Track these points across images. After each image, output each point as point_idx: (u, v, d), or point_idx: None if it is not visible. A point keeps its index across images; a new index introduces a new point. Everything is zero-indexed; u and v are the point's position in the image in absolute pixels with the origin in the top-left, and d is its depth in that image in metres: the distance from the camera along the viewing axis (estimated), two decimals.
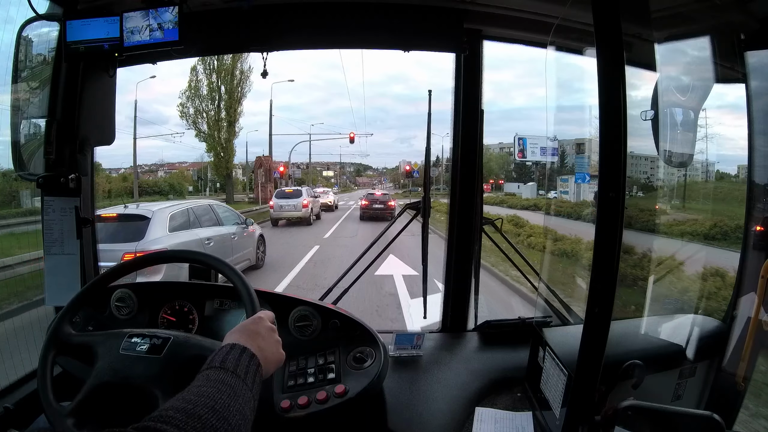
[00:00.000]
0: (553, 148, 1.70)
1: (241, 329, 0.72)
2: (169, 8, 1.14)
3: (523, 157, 3.57)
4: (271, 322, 0.77)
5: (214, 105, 22.54)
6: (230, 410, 0.54)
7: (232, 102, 22.57)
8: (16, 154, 1.26)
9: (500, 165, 42.15)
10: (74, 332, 0.90)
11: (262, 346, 0.68)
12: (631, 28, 1.06)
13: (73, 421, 0.78)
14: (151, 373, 0.79)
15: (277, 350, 0.73)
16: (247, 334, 0.70)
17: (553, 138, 1.79)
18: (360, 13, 1.31)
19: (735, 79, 1.24)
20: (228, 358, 0.62)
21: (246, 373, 0.61)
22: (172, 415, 0.50)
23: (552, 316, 1.35)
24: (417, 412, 1.09)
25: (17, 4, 1.20)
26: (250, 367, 0.63)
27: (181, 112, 22.49)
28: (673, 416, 0.84)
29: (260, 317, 0.76)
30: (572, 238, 5.88)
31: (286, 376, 1.04)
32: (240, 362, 0.62)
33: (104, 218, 4.86)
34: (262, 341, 0.70)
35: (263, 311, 0.80)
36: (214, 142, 22.70)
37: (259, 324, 0.74)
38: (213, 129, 22.57)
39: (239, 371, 0.60)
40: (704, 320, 1.36)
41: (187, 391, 0.56)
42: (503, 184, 35.96)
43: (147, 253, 1.02)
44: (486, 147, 42.93)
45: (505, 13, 1.30)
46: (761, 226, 1.24)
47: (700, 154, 5.17)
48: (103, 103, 1.36)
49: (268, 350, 0.70)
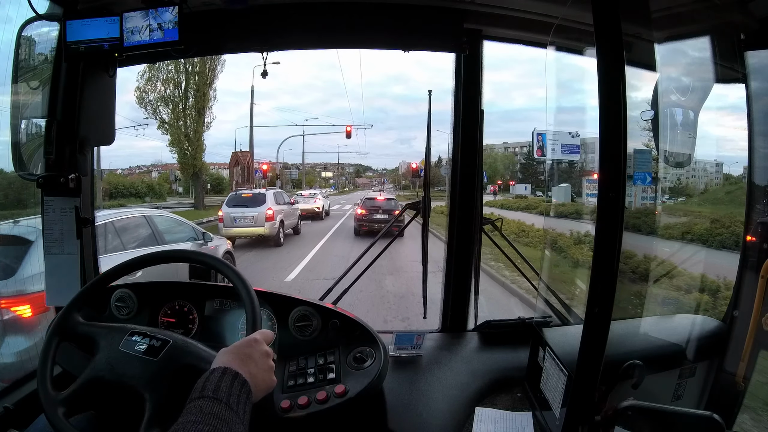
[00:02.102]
0: (575, 145, 1.56)
1: (236, 351, 0.71)
2: (169, 8, 1.14)
3: (542, 155, 3.26)
4: (269, 342, 0.77)
5: (177, 88, 18.09)
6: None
7: (201, 85, 18.13)
8: (16, 154, 1.26)
9: (506, 165, 41.86)
10: (82, 321, 0.91)
11: (253, 372, 0.68)
12: (631, 28, 1.06)
13: (63, 410, 0.79)
14: (144, 376, 0.79)
15: (269, 377, 0.73)
16: (240, 358, 0.69)
17: (575, 134, 1.58)
18: (360, 13, 1.31)
19: (735, 79, 1.24)
20: (221, 386, 0.62)
21: (238, 404, 0.61)
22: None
23: (552, 316, 1.35)
24: (417, 412, 1.09)
25: (17, 4, 1.20)
26: (242, 397, 0.63)
27: (139, 98, 17.94)
28: (673, 416, 0.84)
29: (257, 340, 0.75)
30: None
31: (286, 376, 1.04)
32: (232, 391, 0.62)
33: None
34: (254, 367, 0.69)
35: (261, 331, 0.79)
36: (179, 134, 18.23)
37: (255, 348, 0.73)
38: (177, 117, 18.17)
39: (231, 402, 0.61)
40: (704, 320, 1.36)
41: (182, 425, 0.56)
42: (513, 185, 33.67)
43: (147, 253, 1.02)
44: (491, 147, 41.44)
45: (505, 13, 1.30)
46: (762, 227, 1.24)
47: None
48: (103, 103, 1.36)
49: (259, 377, 0.70)
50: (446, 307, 1.52)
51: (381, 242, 1.55)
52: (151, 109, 18.08)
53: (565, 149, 1.48)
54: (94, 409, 0.97)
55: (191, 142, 18.40)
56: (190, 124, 18.39)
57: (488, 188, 32.67)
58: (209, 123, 18.90)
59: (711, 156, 5.90)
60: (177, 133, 18.23)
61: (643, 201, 2.25)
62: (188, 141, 18.32)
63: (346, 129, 19.88)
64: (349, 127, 19.90)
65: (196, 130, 18.50)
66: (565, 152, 1.46)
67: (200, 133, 18.62)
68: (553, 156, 1.54)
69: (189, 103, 18.20)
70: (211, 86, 18.55)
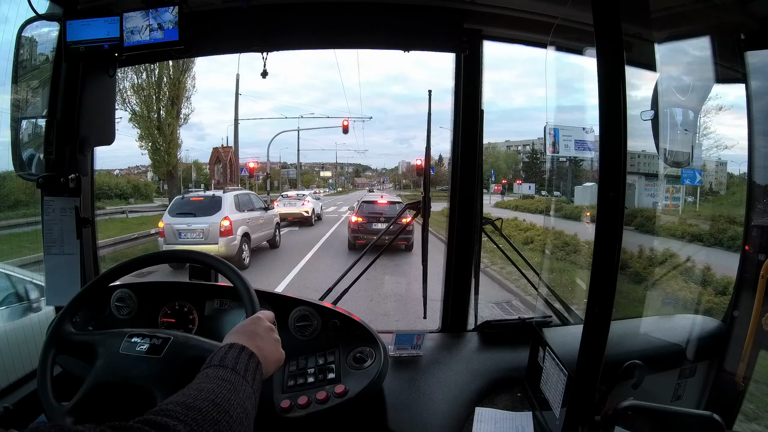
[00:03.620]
0: (590, 141, 1.48)
1: (240, 329, 0.72)
2: (169, 8, 1.14)
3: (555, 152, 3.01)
4: (271, 321, 0.78)
5: (150, 76, 15.80)
6: (231, 403, 0.54)
7: (175, 71, 15.85)
8: (16, 154, 1.26)
9: (509, 164, 41.61)
10: (75, 331, 0.90)
11: (260, 346, 0.69)
12: (631, 28, 1.06)
13: (71, 419, 0.78)
14: (151, 374, 0.79)
15: (277, 349, 0.73)
16: (245, 334, 0.70)
17: (589, 129, 1.48)
18: (360, 13, 1.31)
19: (735, 79, 1.24)
20: (227, 357, 0.62)
21: (246, 371, 0.61)
22: (172, 409, 0.50)
23: (552, 316, 1.35)
24: (417, 412, 1.09)
25: (17, 4, 1.20)
26: (250, 365, 0.63)
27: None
28: (673, 416, 0.84)
29: (259, 317, 0.76)
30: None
31: (286, 376, 1.04)
32: (239, 360, 0.62)
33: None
34: (260, 341, 0.70)
35: (262, 311, 0.80)
36: (150, 126, 15.84)
37: (258, 324, 0.74)
38: (148, 108, 15.81)
39: (239, 368, 0.61)
40: (704, 320, 1.36)
41: (187, 388, 0.56)
42: (520, 184, 31.08)
43: (147, 253, 1.02)
44: (493, 146, 40.46)
45: (505, 13, 1.30)
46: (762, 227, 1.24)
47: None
48: (103, 103, 1.36)
49: (267, 349, 0.70)
50: (446, 307, 1.52)
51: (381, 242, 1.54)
52: (120, 99, 15.27)
53: (578, 146, 1.43)
54: (99, 417, 0.96)
55: (164, 135, 15.79)
56: (164, 116, 15.76)
57: (492, 187, 31.74)
58: (187, 115, 16.38)
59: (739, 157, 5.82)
60: (148, 125, 15.87)
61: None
62: (161, 134, 15.74)
63: (343, 123, 17.63)
64: (346, 121, 17.66)
65: (170, 123, 15.84)
66: (579, 149, 1.41)
67: (175, 126, 16.02)
68: (567, 153, 1.49)
69: (163, 93, 15.73)
70: (188, 73, 16.07)
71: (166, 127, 16.03)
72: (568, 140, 1.45)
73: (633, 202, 5.58)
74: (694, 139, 1.28)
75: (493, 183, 32.30)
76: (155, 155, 16.39)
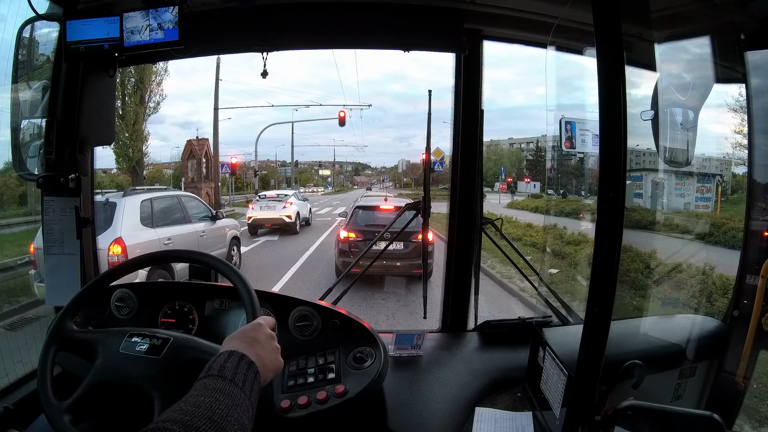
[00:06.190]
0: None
1: (240, 335, 0.71)
2: (169, 8, 1.14)
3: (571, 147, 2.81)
4: (272, 328, 0.77)
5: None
6: (228, 420, 0.54)
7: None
8: (16, 154, 1.26)
9: (512, 162, 41.26)
10: (76, 329, 0.90)
11: (260, 354, 0.68)
12: (631, 28, 1.06)
13: (70, 417, 0.78)
14: (150, 374, 0.79)
15: (276, 357, 0.73)
16: (246, 341, 0.69)
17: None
18: (360, 13, 1.31)
19: (735, 79, 1.24)
20: (226, 366, 0.62)
21: (244, 382, 0.61)
22: (169, 428, 0.50)
23: (552, 316, 1.35)
24: (417, 412, 1.09)
25: (17, 4, 1.20)
26: (249, 375, 0.62)
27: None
28: (673, 416, 0.84)
29: (260, 324, 0.75)
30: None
31: (286, 376, 1.04)
32: (238, 370, 0.62)
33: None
34: (260, 348, 0.70)
35: (263, 317, 0.80)
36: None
37: (259, 331, 0.73)
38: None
39: (237, 379, 0.60)
40: (704, 320, 1.36)
41: (185, 401, 0.55)
42: (528, 182, 28.33)
43: (147, 253, 1.02)
44: (495, 143, 39.47)
45: (505, 13, 1.30)
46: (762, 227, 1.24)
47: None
48: (103, 103, 1.36)
49: (266, 357, 0.70)
50: (446, 307, 1.52)
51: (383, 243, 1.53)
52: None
53: (596, 140, 1.41)
54: (98, 415, 0.96)
55: (127, 126, 13.66)
56: (128, 103, 13.56)
57: (497, 186, 30.13)
58: (157, 103, 14.28)
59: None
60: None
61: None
62: (123, 123, 13.57)
63: (339, 115, 16.29)
64: (343, 112, 16.31)
65: (136, 112, 13.74)
66: (596, 144, 1.39)
67: (140, 115, 13.80)
68: (583, 148, 1.41)
69: (126, 78, 13.50)
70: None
71: (129, 115, 13.77)
72: (585, 135, 1.39)
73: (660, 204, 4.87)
74: (694, 138, 1.27)
75: (502, 181, 30.94)
76: (117, 149, 14.28)
